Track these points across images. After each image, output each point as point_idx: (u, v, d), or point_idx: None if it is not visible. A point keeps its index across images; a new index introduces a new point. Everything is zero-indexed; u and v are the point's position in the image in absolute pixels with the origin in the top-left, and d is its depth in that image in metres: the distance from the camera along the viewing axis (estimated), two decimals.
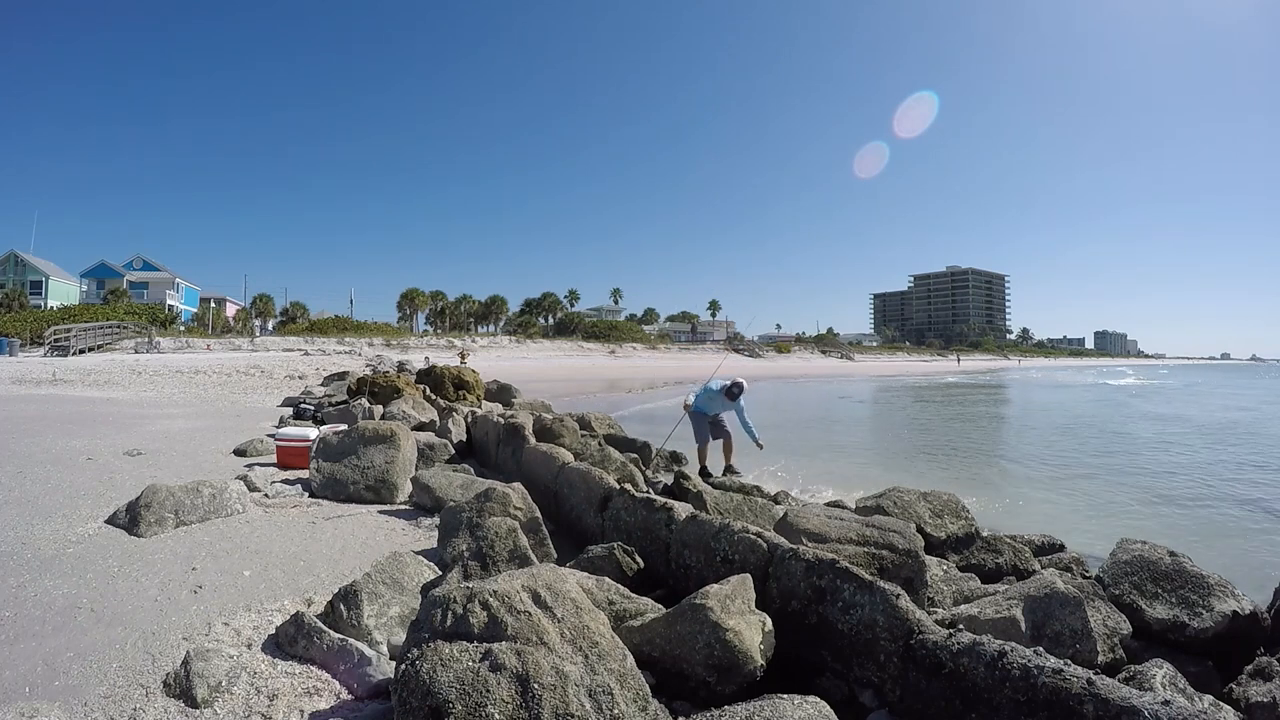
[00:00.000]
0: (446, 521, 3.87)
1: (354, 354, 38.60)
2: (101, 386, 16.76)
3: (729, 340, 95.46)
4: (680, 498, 5.22)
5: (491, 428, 7.63)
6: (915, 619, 2.41)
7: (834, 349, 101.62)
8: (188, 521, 4.72)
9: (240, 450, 7.77)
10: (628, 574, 3.43)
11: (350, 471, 5.78)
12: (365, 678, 2.61)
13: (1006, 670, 2.06)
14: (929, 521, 4.79)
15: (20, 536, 4.30)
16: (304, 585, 3.68)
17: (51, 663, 2.70)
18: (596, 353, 61.81)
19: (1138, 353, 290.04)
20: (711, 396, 7.92)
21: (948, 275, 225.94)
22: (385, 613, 3.01)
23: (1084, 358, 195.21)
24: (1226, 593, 3.49)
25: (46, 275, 59.16)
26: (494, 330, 79.43)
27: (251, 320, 69.89)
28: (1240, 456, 12.39)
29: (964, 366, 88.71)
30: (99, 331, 37.28)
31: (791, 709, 2.12)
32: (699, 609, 2.47)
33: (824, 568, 2.72)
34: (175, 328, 50.48)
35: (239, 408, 13.05)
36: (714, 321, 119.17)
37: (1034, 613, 3.02)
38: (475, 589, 2.30)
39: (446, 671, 2.03)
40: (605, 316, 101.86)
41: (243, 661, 2.72)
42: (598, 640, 2.21)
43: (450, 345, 50.51)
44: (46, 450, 7.33)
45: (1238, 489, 9.23)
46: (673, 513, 3.70)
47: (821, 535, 3.75)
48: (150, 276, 65.41)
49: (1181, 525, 7.21)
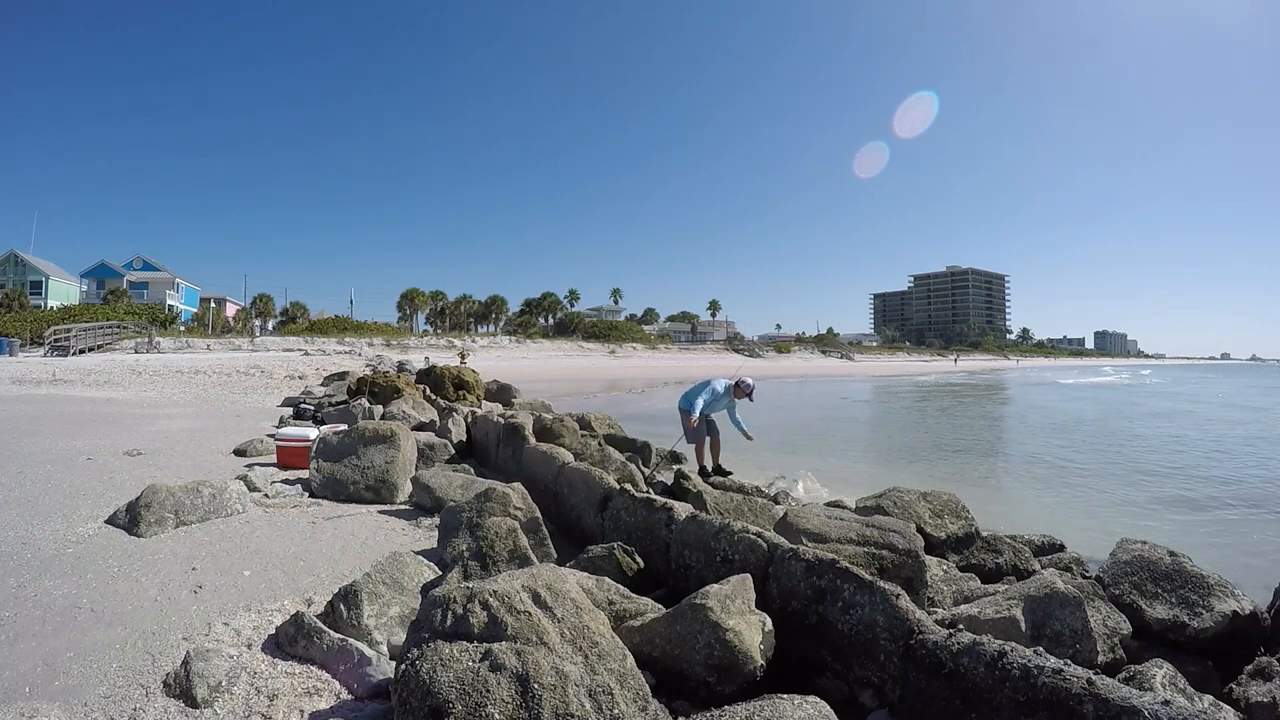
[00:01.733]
0: (446, 521, 3.87)
1: (354, 354, 38.58)
2: (101, 386, 16.76)
3: (729, 340, 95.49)
4: (680, 498, 5.22)
5: (491, 428, 7.63)
6: (915, 619, 2.41)
7: (834, 349, 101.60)
8: (188, 521, 4.72)
9: (240, 450, 7.77)
10: (628, 574, 3.43)
11: (350, 471, 5.78)
12: (365, 678, 2.61)
13: (1006, 670, 2.06)
14: (929, 521, 4.79)
15: (20, 536, 4.30)
16: (304, 585, 3.68)
17: (51, 663, 2.70)
18: (596, 353, 61.80)
19: (1138, 353, 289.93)
20: (718, 398, 7.83)
21: (948, 275, 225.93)
22: (385, 613, 3.01)
23: (1084, 358, 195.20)
24: (1226, 593, 3.49)
25: (46, 275, 59.13)
26: (494, 330, 79.44)
27: (251, 320, 69.86)
28: (1241, 456, 12.40)
29: (961, 366, 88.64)
30: (99, 331, 37.26)
31: (791, 709, 2.12)
32: (699, 609, 2.47)
33: (824, 568, 2.72)
34: (175, 328, 50.44)
35: (239, 408, 13.05)
36: (714, 321, 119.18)
37: (1034, 613, 3.02)
38: (475, 589, 2.30)
39: (446, 671, 2.03)
40: (605, 316, 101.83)
41: (243, 661, 2.72)
42: (598, 640, 2.21)
43: (450, 345, 50.50)
44: (46, 450, 7.33)
45: (1238, 489, 9.23)
46: (673, 513, 3.70)
47: (821, 535, 3.76)
48: (150, 276, 65.39)
49: (1181, 525, 7.20)
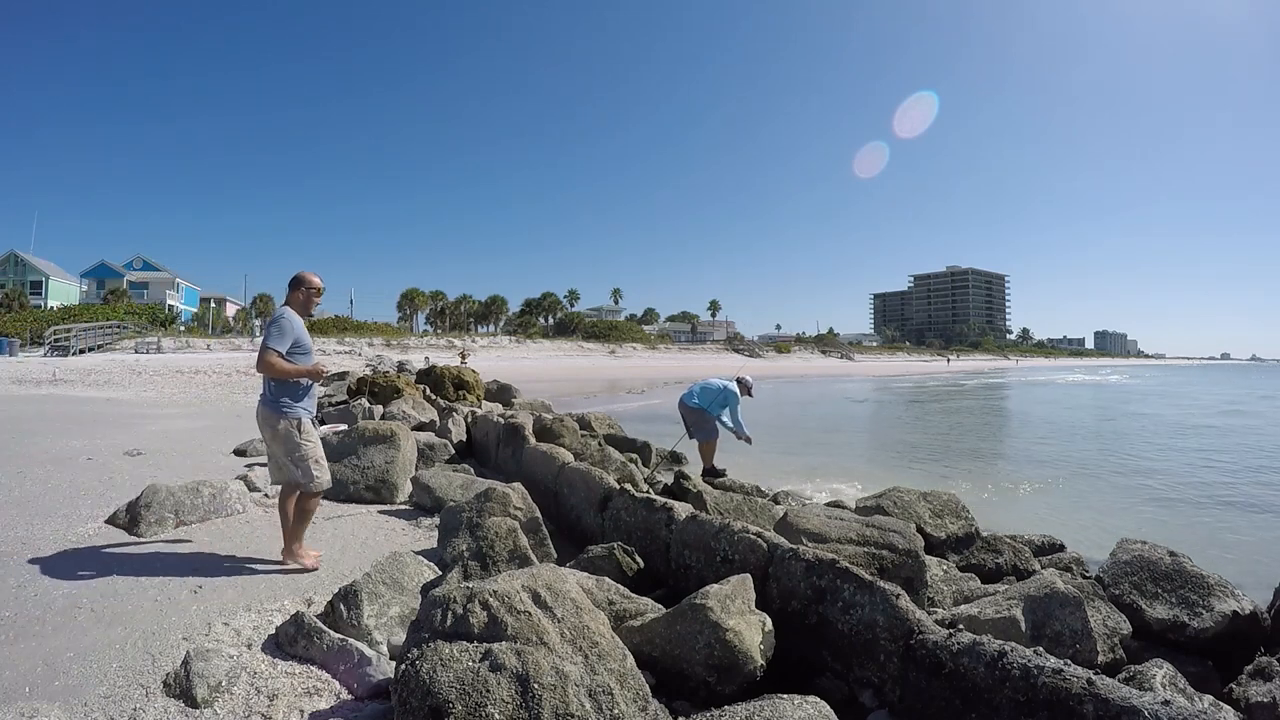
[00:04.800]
0: (446, 521, 3.87)
1: (354, 354, 38.57)
2: (101, 386, 16.76)
3: (729, 340, 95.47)
4: (680, 498, 5.22)
5: (491, 428, 7.63)
6: (915, 619, 2.41)
7: (834, 349, 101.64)
8: (188, 521, 4.73)
9: (240, 450, 7.77)
10: (628, 574, 3.43)
11: (350, 471, 5.78)
12: (365, 678, 2.61)
13: (1006, 670, 2.06)
14: (929, 521, 4.79)
15: (20, 536, 4.30)
16: (304, 585, 3.68)
17: (51, 663, 2.70)
18: (596, 353, 61.79)
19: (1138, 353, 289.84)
20: (733, 400, 7.80)
21: (948, 275, 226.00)
22: (385, 613, 3.01)
23: (1084, 358, 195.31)
24: (1226, 593, 3.49)
25: (46, 275, 59.13)
26: (494, 330, 79.46)
27: (251, 320, 69.83)
28: (1239, 456, 12.39)
29: (955, 367, 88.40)
30: (99, 332, 37.25)
31: (791, 709, 2.12)
32: (699, 609, 2.47)
33: (824, 568, 2.72)
34: (175, 328, 50.42)
35: (239, 408, 13.04)
36: (714, 321, 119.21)
37: (1034, 613, 3.02)
38: (475, 589, 2.30)
39: (446, 671, 2.03)
40: (605, 316, 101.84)
41: (243, 661, 2.71)
42: (598, 640, 2.21)
43: (450, 345, 50.48)
44: (46, 450, 7.33)
45: (1237, 489, 9.23)
46: (673, 513, 3.70)
47: (821, 535, 3.76)
48: (150, 276, 65.40)
49: (1181, 525, 7.20)
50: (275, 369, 3.78)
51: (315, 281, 4.08)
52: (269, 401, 3.87)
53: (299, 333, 3.91)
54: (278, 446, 3.90)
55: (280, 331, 3.84)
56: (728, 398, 7.75)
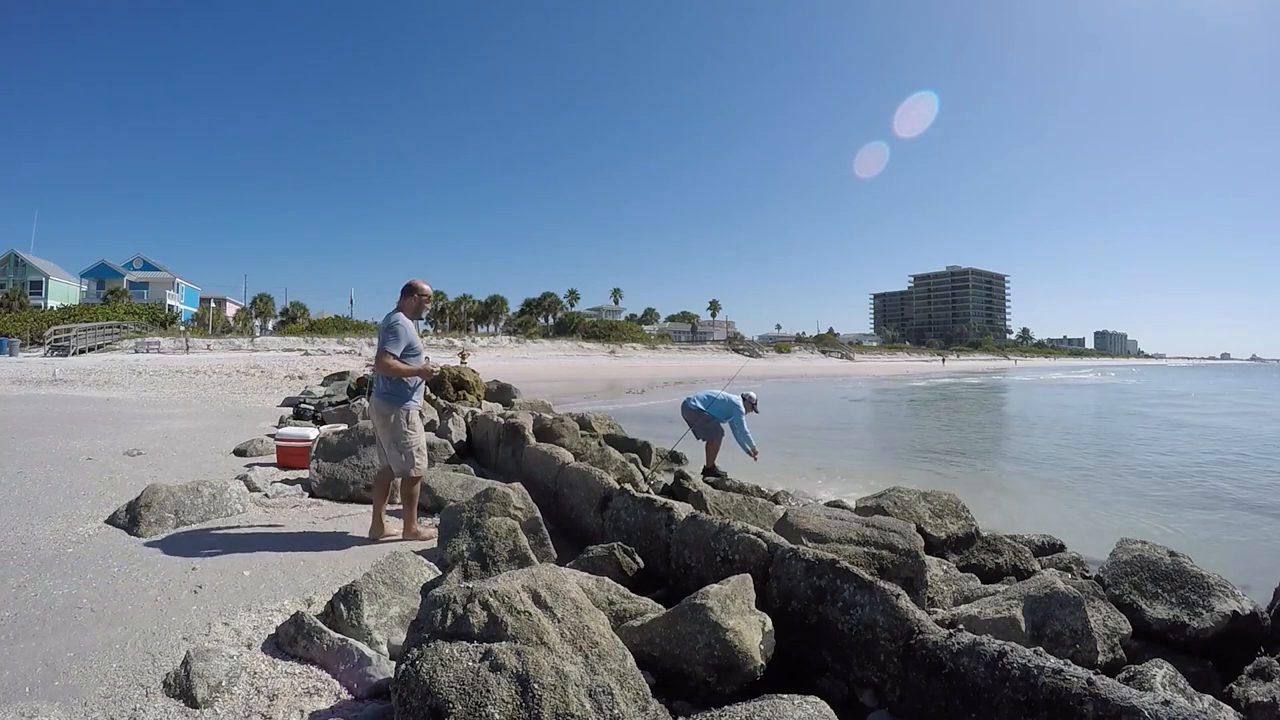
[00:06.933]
0: (446, 521, 3.86)
1: (354, 354, 38.54)
2: (101, 386, 16.76)
3: (729, 340, 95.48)
4: (680, 498, 5.22)
5: (491, 428, 7.63)
6: (915, 619, 2.41)
7: (834, 349, 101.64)
8: (188, 521, 4.73)
9: (240, 450, 7.77)
10: (628, 574, 3.43)
11: (350, 471, 5.78)
12: (365, 678, 2.61)
13: (1006, 670, 2.06)
14: (929, 521, 4.78)
15: (20, 536, 4.30)
16: (304, 585, 3.68)
17: (51, 663, 2.70)
18: (596, 353, 61.77)
19: (1138, 353, 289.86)
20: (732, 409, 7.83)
21: (948, 275, 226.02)
22: (385, 613, 3.01)
23: (1084, 358, 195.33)
24: (1226, 593, 3.48)
25: (46, 275, 59.13)
26: (494, 330, 79.45)
27: (251, 320, 69.87)
28: (1239, 456, 12.39)
29: (949, 367, 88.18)
30: (99, 332, 37.27)
31: (791, 709, 2.12)
32: (699, 609, 2.47)
33: (824, 568, 2.72)
34: (175, 328, 50.43)
35: (239, 408, 13.05)
36: (714, 321, 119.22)
37: (1034, 613, 3.02)
38: (475, 589, 2.30)
39: (446, 671, 2.03)
40: (605, 316, 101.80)
41: (243, 661, 2.71)
42: (598, 640, 2.21)
43: (450, 345, 50.45)
44: (46, 450, 7.33)
45: (1237, 489, 9.23)
46: (673, 513, 3.70)
47: (821, 535, 3.75)
48: (150, 276, 65.39)
49: (1181, 525, 7.20)
50: (392, 369, 4.25)
51: (426, 289, 4.53)
52: (382, 394, 4.36)
53: (411, 336, 4.35)
54: (386, 434, 4.38)
55: (395, 336, 4.27)
56: (731, 409, 7.83)
